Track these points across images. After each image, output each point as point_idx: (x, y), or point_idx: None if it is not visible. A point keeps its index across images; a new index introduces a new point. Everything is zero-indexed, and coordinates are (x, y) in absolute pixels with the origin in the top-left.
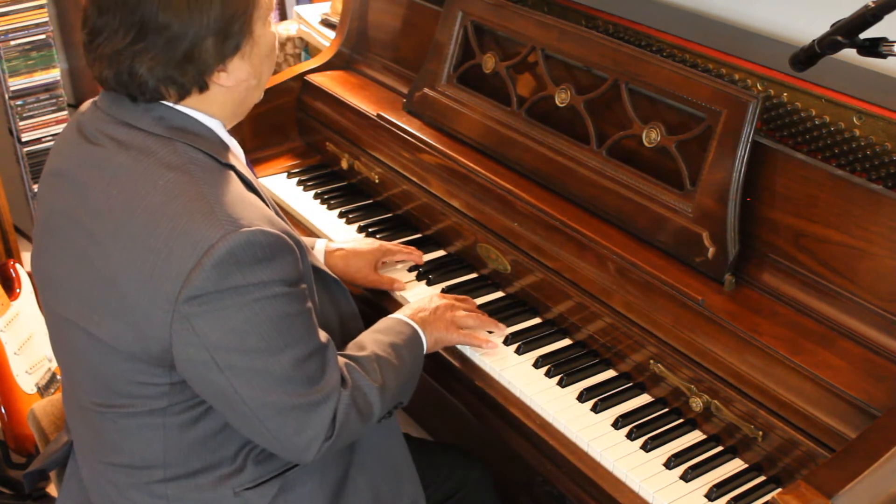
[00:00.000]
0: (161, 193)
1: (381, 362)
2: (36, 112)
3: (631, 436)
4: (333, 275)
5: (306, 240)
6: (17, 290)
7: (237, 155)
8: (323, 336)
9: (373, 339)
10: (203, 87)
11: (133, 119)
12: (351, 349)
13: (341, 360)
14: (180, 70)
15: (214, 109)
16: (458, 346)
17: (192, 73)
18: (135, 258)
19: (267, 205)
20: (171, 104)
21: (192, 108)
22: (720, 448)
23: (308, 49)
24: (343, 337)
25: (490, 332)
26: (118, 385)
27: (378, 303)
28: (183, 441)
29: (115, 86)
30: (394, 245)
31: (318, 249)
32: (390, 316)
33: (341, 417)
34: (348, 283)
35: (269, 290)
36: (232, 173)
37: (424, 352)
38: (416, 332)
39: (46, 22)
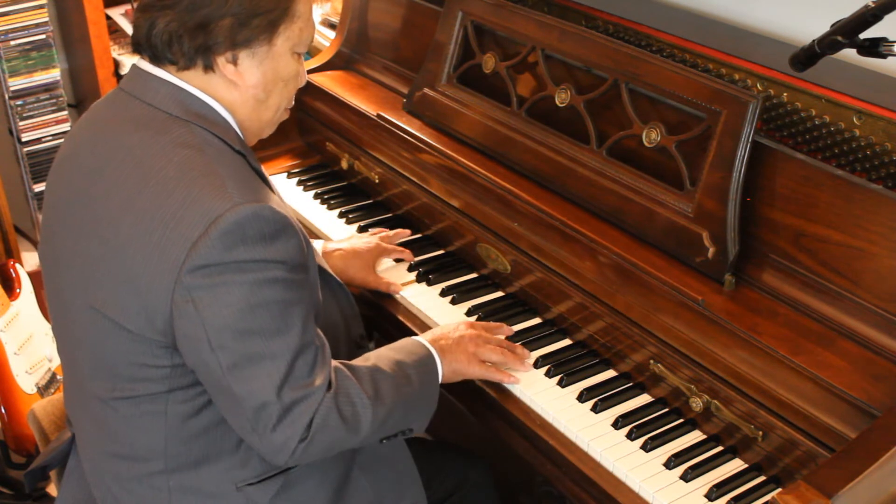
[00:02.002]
0: (175, 167)
1: (379, 375)
2: (36, 112)
3: (631, 436)
4: (336, 276)
5: None
6: (17, 290)
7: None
8: (320, 335)
9: (379, 355)
10: (208, 66)
11: (155, 101)
12: (356, 361)
13: (333, 363)
14: (191, 35)
15: (225, 100)
16: None
17: (200, 44)
18: (144, 228)
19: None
20: (193, 89)
21: (207, 94)
22: (720, 448)
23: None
24: (347, 336)
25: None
26: (121, 368)
27: (377, 303)
28: (184, 431)
29: (139, 37)
30: (389, 246)
31: (316, 251)
32: (410, 337)
33: (319, 420)
34: (347, 283)
35: (270, 272)
36: (244, 160)
37: (440, 379)
38: (430, 354)
39: (46, 22)
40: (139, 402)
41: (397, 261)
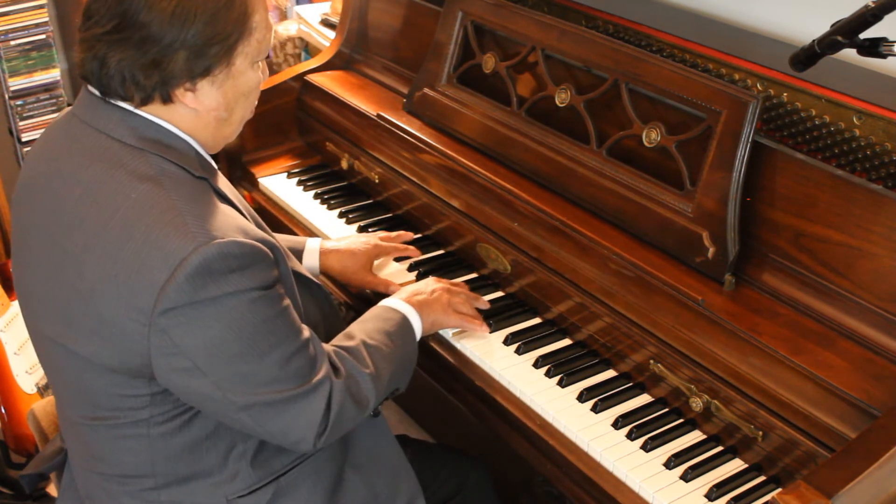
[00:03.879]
0: (134, 206)
1: (371, 349)
2: (36, 112)
3: (631, 436)
4: (313, 278)
5: (298, 239)
6: None
7: (215, 168)
8: (306, 331)
9: (361, 328)
10: (166, 99)
11: (108, 128)
12: (339, 339)
13: (330, 348)
14: (145, 73)
15: (184, 126)
16: (459, 347)
17: (156, 80)
18: (108, 272)
19: (244, 216)
20: (146, 114)
21: (164, 120)
22: (720, 448)
23: (308, 49)
24: (328, 337)
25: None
26: (100, 398)
27: (377, 303)
28: (169, 449)
29: (86, 72)
30: (389, 244)
31: (312, 249)
32: (380, 303)
33: (336, 406)
34: (344, 283)
35: (245, 297)
36: (206, 185)
37: (420, 334)
38: (404, 317)
39: (46, 22)
40: (121, 427)
41: (397, 260)
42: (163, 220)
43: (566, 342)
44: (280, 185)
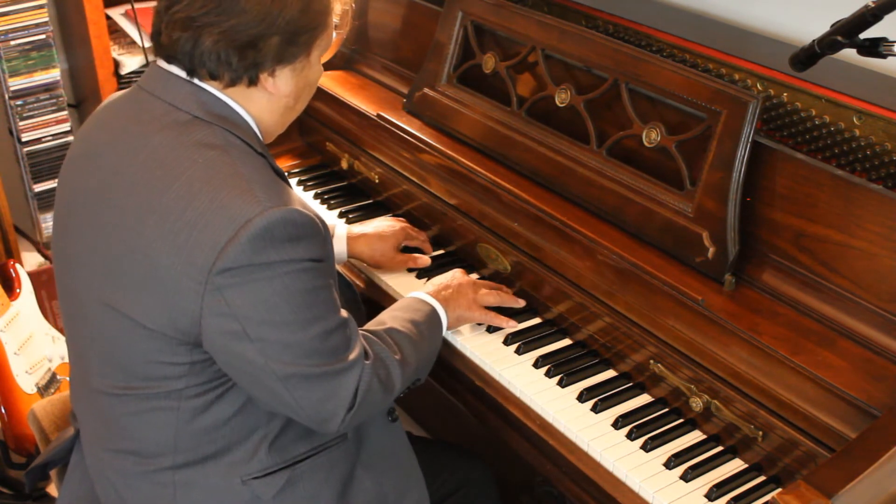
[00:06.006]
0: (200, 169)
1: (400, 337)
2: (36, 112)
3: (631, 436)
4: (343, 273)
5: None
6: (17, 290)
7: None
8: (344, 312)
9: (392, 316)
10: (252, 82)
11: (177, 101)
12: (370, 325)
13: (361, 332)
14: (240, 54)
15: (253, 109)
16: (459, 347)
17: (249, 62)
18: (169, 230)
19: None
20: (215, 91)
21: (233, 99)
22: (720, 448)
23: None
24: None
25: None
26: (137, 366)
27: (379, 303)
28: (195, 426)
29: (177, 53)
30: (413, 231)
31: (340, 235)
32: (410, 294)
33: (364, 387)
34: (373, 266)
35: (298, 266)
36: (265, 161)
37: (445, 328)
38: (434, 309)
39: (46, 22)
40: (151, 398)
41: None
42: (229, 183)
43: (566, 342)
44: None
